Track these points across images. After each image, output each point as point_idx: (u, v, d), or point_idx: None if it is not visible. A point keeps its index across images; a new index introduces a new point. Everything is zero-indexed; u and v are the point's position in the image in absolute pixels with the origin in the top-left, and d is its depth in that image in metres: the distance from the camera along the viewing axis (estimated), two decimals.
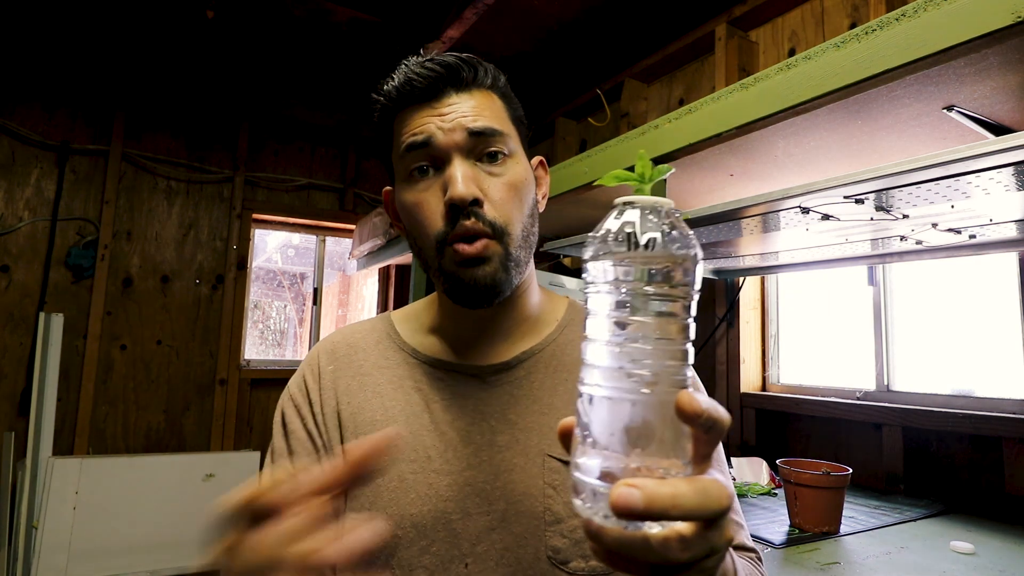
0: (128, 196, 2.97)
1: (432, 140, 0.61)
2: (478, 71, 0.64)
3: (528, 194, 0.65)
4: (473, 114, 0.61)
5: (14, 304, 2.70)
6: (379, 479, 0.63)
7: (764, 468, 1.64)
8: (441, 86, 0.62)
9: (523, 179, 0.64)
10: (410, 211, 0.63)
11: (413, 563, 0.59)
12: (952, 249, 1.49)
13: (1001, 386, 1.53)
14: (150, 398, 2.94)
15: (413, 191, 0.63)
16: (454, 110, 0.61)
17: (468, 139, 0.61)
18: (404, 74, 0.63)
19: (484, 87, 0.64)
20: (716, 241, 1.54)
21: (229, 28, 2.50)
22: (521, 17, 2.34)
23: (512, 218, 0.62)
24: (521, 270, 0.63)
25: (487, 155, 0.62)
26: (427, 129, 0.61)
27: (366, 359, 0.70)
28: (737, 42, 2.09)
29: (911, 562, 1.07)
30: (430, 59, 0.63)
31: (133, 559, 2.55)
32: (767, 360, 2.11)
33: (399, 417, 0.65)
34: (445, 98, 0.62)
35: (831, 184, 0.99)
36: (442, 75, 0.62)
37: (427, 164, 0.62)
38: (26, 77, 2.80)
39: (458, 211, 0.59)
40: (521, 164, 0.65)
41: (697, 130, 1.07)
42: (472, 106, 0.62)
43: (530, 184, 0.66)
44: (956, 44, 0.71)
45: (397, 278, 3.50)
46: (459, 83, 0.62)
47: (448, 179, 0.60)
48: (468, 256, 0.59)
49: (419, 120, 0.62)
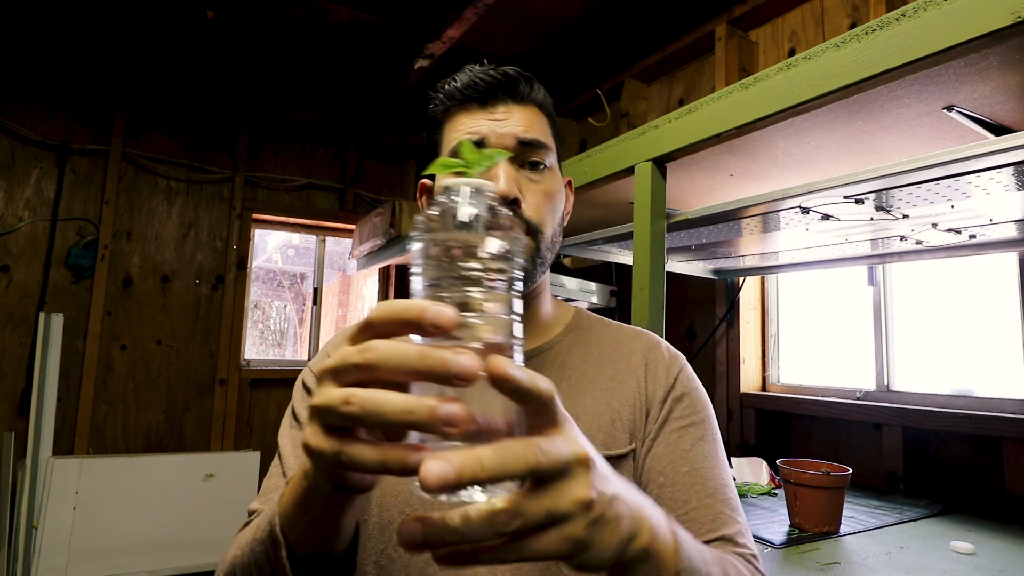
0: (128, 196, 2.97)
1: (485, 141, 0.66)
2: (533, 88, 0.70)
3: (560, 205, 0.71)
4: (524, 125, 0.67)
5: (14, 304, 2.70)
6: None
7: (764, 468, 1.64)
8: (500, 93, 0.68)
9: (558, 190, 0.70)
10: None
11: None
12: (952, 249, 1.49)
13: (1001, 386, 1.53)
14: (150, 398, 2.94)
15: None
16: (508, 118, 0.67)
17: (517, 146, 0.66)
18: (469, 77, 0.68)
19: (535, 103, 0.70)
20: (716, 241, 1.54)
21: (229, 28, 2.50)
22: (521, 17, 2.34)
23: (545, 221, 0.67)
24: (544, 269, 0.69)
25: (530, 164, 0.67)
26: (481, 130, 0.66)
27: None
28: (737, 42, 2.09)
29: (911, 562, 1.07)
30: (493, 68, 0.69)
31: (133, 559, 2.55)
32: (767, 360, 2.11)
33: None
34: (501, 105, 0.68)
35: (831, 184, 0.99)
36: (503, 83, 0.68)
37: None
38: (26, 77, 2.80)
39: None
40: (557, 178, 0.71)
41: (697, 130, 1.07)
42: (524, 117, 0.68)
43: (562, 197, 0.72)
44: (956, 44, 0.71)
45: (397, 278, 3.50)
46: (516, 95, 0.68)
47: (493, 177, 0.64)
48: None
49: (474, 121, 0.67)
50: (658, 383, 0.69)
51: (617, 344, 0.73)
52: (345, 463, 0.34)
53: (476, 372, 0.32)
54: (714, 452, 0.66)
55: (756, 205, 1.12)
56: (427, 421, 0.32)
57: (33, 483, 2.44)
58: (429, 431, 0.32)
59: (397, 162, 3.65)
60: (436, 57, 2.52)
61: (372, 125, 3.47)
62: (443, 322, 0.32)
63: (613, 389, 0.68)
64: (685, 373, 0.71)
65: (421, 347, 0.33)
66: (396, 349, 0.33)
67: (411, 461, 0.33)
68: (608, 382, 0.69)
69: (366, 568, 0.62)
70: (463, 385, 0.32)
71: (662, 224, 1.16)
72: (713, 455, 0.65)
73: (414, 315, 0.33)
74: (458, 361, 0.32)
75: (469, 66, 0.70)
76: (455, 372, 0.32)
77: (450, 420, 0.32)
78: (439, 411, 0.32)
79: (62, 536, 2.43)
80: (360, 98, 3.20)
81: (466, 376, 0.32)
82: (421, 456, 0.32)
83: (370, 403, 0.33)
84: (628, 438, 0.66)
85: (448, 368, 0.32)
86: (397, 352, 0.33)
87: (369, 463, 0.34)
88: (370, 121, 3.45)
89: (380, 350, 0.33)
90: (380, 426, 0.33)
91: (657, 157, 1.15)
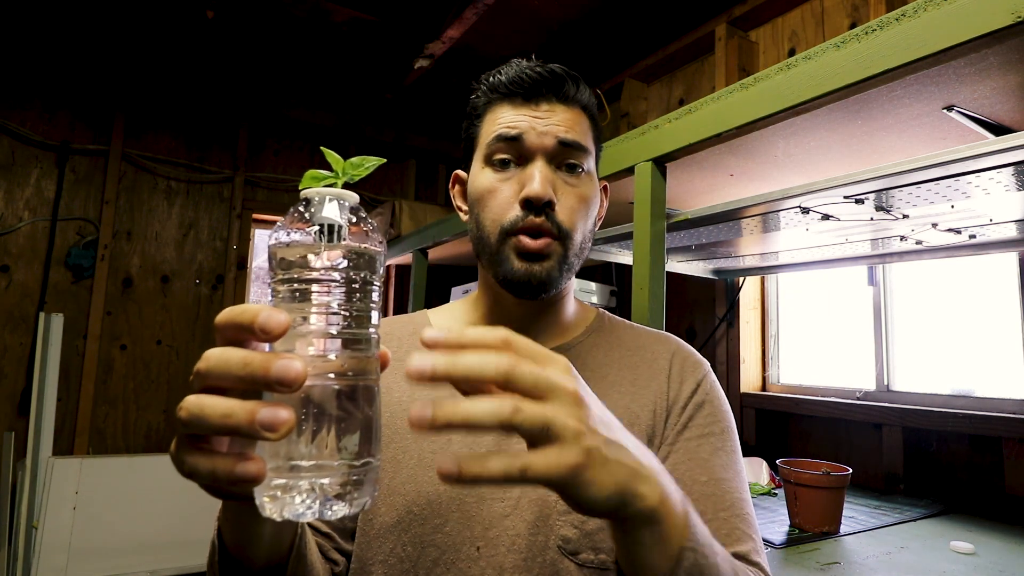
0: (128, 196, 2.97)
1: (523, 137, 0.64)
2: (580, 88, 0.68)
3: (594, 210, 0.69)
4: (566, 126, 0.65)
5: (14, 304, 2.70)
6: (400, 456, 0.65)
7: (764, 468, 1.64)
8: (544, 91, 0.66)
9: (593, 196, 0.68)
10: (483, 195, 0.67)
11: (425, 540, 0.61)
12: (952, 249, 1.49)
13: (1001, 386, 1.53)
14: (150, 398, 2.94)
15: (492, 178, 0.66)
16: (550, 117, 0.65)
17: (556, 146, 0.64)
18: (516, 71, 0.67)
19: (580, 104, 0.68)
20: (716, 241, 1.54)
21: (229, 28, 2.50)
22: (521, 17, 2.34)
23: (576, 226, 0.65)
24: (571, 274, 0.68)
25: (567, 165, 0.66)
26: (521, 126, 0.64)
27: (400, 347, 0.73)
28: (737, 42, 2.09)
29: (911, 562, 1.07)
30: (540, 64, 0.67)
31: (133, 559, 2.55)
32: (767, 360, 2.11)
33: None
34: (545, 103, 0.66)
35: (831, 184, 0.99)
36: (549, 81, 0.66)
37: (511, 158, 0.66)
38: (26, 77, 2.80)
39: (531, 207, 0.63)
40: (594, 183, 0.69)
41: (697, 130, 1.07)
42: (566, 118, 0.66)
43: (597, 202, 0.70)
44: (956, 44, 0.70)
45: (397, 278, 3.50)
46: (561, 94, 0.66)
47: (529, 176, 0.63)
48: (530, 250, 0.63)
49: (516, 116, 0.65)
50: (680, 388, 0.68)
51: (640, 347, 0.72)
52: (185, 472, 0.34)
53: (300, 379, 0.31)
54: (733, 464, 0.65)
55: (756, 205, 1.12)
56: (246, 425, 0.31)
57: (33, 483, 2.44)
58: (251, 435, 0.32)
59: (397, 162, 3.65)
60: (436, 57, 2.52)
61: (372, 125, 3.47)
62: (271, 327, 0.32)
63: (633, 393, 0.67)
64: (708, 380, 0.69)
65: (246, 353, 0.32)
66: (221, 356, 0.33)
67: (238, 471, 0.32)
68: (628, 385, 0.68)
69: (371, 568, 0.62)
70: (286, 391, 0.31)
71: (662, 224, 1.16)
72: (732, 467, 0.64)
73: (247, 319, 0.32)
74: (280, 366, 0.31)
75: (516, 60, 0.68)
76: (275, 378, 0.31)
77: (271, 425, 0.31)
78: (259, 415, 0.31)
79: (62, 536, 2.42)
80: (360, 98, 3.20)
81: (287, 382, 0.31)
82: (248, 466, 0.32)
83: (194, 407, 0.32)
84: (646, 443, 0.64)
85: (268, 374, 0.31)
86: (221, 358, 0.32)
87: (201, 471, 0.33)
88: (370, 121, 3.45)
89: (210, 357, 0.33)
90: (207, 431, 0.33)
91: (657, 157, 1.15)
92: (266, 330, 0.32)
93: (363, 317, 0.36)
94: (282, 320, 0.32)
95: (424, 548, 0.61)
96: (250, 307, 0.33)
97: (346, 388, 0.35)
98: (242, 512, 0.44)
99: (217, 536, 0.49)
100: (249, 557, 0.48)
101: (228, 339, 0.34)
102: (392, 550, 0.62)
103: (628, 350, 0.71)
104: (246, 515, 0.44)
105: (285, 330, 0.32)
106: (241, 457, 0.33)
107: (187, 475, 0.34)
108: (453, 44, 2.42)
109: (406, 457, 0.65)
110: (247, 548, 0.47)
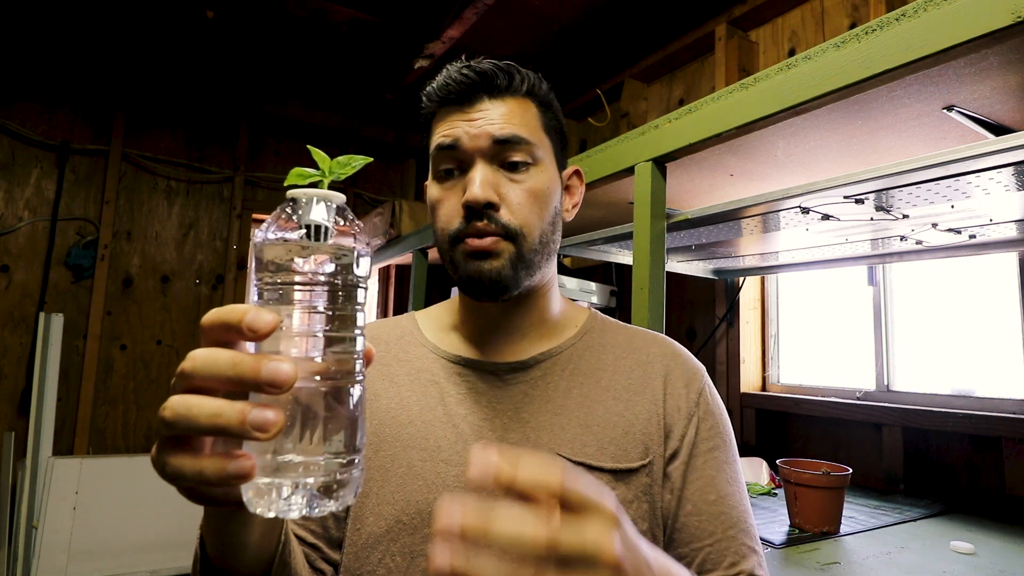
0: (128, 196, 2.97)
1: (458, 144, 0.63)
2: (513, 78, 0.66)
3: (550, 202, 0.66)
4: (501, 121, 0.63)
5: (14, 304, 2.70)
6: (388, 465, 0.64)
7: (764, 468, 1.64)
8: (474, 92, 0.64)
9: (545, 187, 0.65)
10: (434, 206, 0.67)
11: (415, 550, 0.60)
12: (952, 249, 1.49)
13: (1001, 386, 1.53)
14: (150, 398, 2.94)
15: (439, 188, 0.67)
16: (484, 116, 0.64)
17: (492, 146, 0.63)
18: (444, 78, 0.66)
19: (519, 94, 0.66)
20: (716, 241, 1.54)
21: (229, 28, 2.50)
22: (521, 17, 2.34)
23: (529, 223, 0.64)
24: (532, 272, 0.65)
25: (509, 163, 0.64)
26: (455, 133, 0.64)
27: (387, 351, 0.73)
28: (737, 42, 2.09)
29: (911, 562, 1.07)
30: (467, 65, 0.65)
31: (133, 559, 2.55)
32: (767, 360, 2.11)
33: (413, 408, 0.67)
34: (478, 104, 0.64)
35: (831, 184, 0.99)
36: (476, 82, 0.64)
37: (453, 166, 0.65)
38: (26, 77, 2.80)
39: (473, 212, 0.62)
40: (546, 173, 0.66)
41: (697, 130, 1.07)
42: (502, 113, 0.64)
43: (553, 193, 0.67)
44: (956, 44, 0.70)
45: (397, 278, 3.50)
46: (492, 90, 0.65)
47: (467, 182, 0.63)
48: (476, 249, 0.62)
49: (451, 123, 0.65)
50: (680, 399, 0.66)
51: (633, 350, 0.70)
52: (168, 475, 0.34)
53: (291, 380, 0.31)
54: (735, 474, 0.65)
55: (756, 205, 1.12)
56: (237, 425, 0.31)
57: (33, 483, 2.44)
58: (240, 436, 0.31)
59: (397, 162, 3.66)
60: (436, 57, 2.52)
61: (372, 125, 3.47)
62: (259, 326, 0.32)
63: (628, 399, 0.66)
64: (708, 390, 0.69)
65: (234, 354, 0.32)
66: (209, 356, 0.32)
67: (230, 469, 0.32)
68: (623, 391, 0.67)
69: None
70: (276, 393, 0.31)
71: (662, 224, 1.16)
72: (735, 478, 0.65)
73: (235, 319, 0.32)
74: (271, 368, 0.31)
75: (448, 65, 0.67)
76: (266, 379, 0.31)
77: (262, 425, 0.31)
78: (250, 415, 0.31)
79: (62, 536, 2.42)
80: (360, 98, 3.20)
81: (278, 384, 0.31)
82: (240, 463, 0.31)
83: (181, 407, 0.32)
84: (642, 451, 0.63)
85: (259, 375, 0.31)
86: (208, 359, 0.32)
87: (186, 473, 0.33)
88: (370, 121, 3.45)
89: (197, 358, 0.32)
90: (194, 431, 0.32)
91: (657, 157, 1.14)
92: (254, 329, 0.32)
93: (348, 317, 0.36)
94: (270, 320, 0.32)
95: (414, 558, 0.60)
96: (237, 307, 0.32)
97: (332, 388, 0.35)
98: (226, 520, 0.44)
99: (200, 545, 0.49)
100: (233, 566, 0.48)
101: (214, 340, 0.34)
102: (381, 560, 0.61)
103: (622, 353, 0.70)
104: (230, 523, 0.44)
105: (273, 330, 0.32)
106: (230, 455, 0.32)
107: (170, 478, 0.34)
108: (453, 44, 2.42)
109: (395, 466, 0.64)
110: (230, 558, 0.47)
